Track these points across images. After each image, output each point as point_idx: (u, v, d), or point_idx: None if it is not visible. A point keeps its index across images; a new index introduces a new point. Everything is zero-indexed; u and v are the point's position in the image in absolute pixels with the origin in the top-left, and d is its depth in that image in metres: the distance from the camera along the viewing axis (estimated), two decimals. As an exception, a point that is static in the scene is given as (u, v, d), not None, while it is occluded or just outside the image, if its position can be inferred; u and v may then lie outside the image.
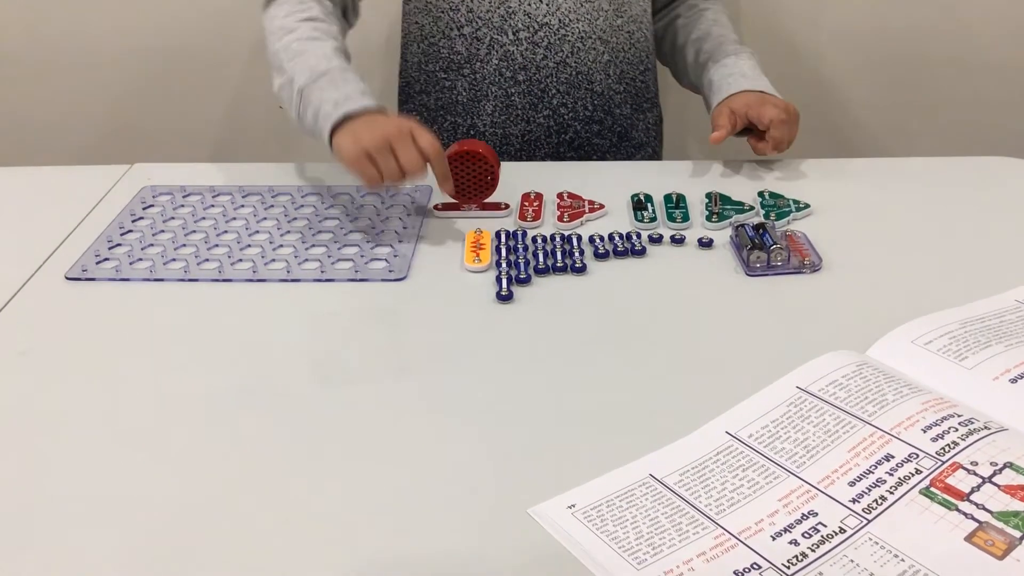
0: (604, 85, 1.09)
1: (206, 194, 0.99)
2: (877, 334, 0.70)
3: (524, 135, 1.09)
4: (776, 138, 0.96)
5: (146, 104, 1.54)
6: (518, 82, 1.06)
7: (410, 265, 0.84)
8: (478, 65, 1.06)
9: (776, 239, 0.83)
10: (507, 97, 1.07)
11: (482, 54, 1.06)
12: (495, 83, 1.07)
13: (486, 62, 1.06)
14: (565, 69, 1.06)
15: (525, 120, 1.08)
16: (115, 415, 0.66)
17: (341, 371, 0.70)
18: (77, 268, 0.85)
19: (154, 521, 0.56)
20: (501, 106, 1.08)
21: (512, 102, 1.07)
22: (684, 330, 0.74)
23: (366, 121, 0.86)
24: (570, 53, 1.06)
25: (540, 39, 1.05)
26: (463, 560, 0.53)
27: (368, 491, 0.58)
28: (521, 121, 1.08)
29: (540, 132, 1.09)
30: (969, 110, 1.51)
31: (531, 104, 1.07)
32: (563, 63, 1.06)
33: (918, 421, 0.59)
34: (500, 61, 1.05)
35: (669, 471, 0.59)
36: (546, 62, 1.05)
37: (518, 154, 1.11)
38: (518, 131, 1.09)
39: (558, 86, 1.07)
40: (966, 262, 0.82)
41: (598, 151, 1.13)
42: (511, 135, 1.10)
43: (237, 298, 0.80)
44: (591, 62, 1.07)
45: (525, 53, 1.05)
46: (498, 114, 1.08)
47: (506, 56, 1.05)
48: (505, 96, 1.07)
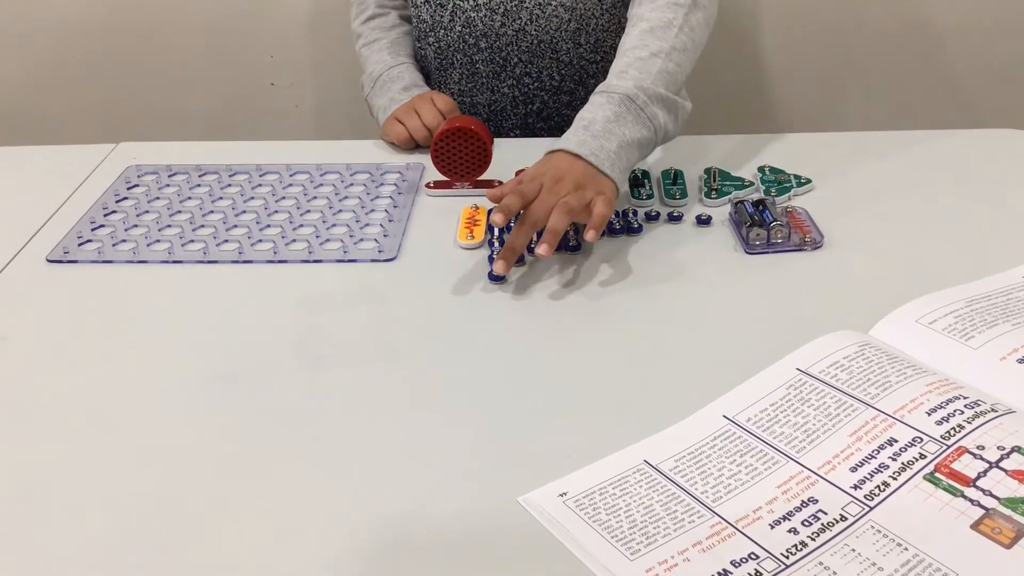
0: (574, 55, 1.06)
1: (192, 173, 0.97)
2: (880, 313, 0.68)
3: (490, 104, 1.09)
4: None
5: (132, 81, 1.51)
6: (480, 49, 1.05)
7: (400, 245, 0.82)
8: (442, 33, 1.06)
9: (776, 215, 0.81)
10: (472, 65, 1.07)
11: (446, 21, 1.05)
12: (460, 50, 1.06)
13: (450, 29, 1.05)
14: (525, 37, 1.04)
15: (490, 89, 1.08)
16: (97, 400, 0.64)
17: (328, 355, 0.68)
18: (59, 250, 0.83)
19: (137, 507, 0.55)
20: (467, 74, 1.08)
21: (477, 70, 1.07)
22: (681, 310, 0.72)
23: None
24: (528, 20, 1.03)
25: (497, 5, 1.03)
26: (452, 550, 0.51)
27: (356, 477, 0.57)
28: (486, 90, 1.08)
29: (506, 102, 1.09)
30: (976, 80, 1.48)
31: (494, 73, 1.07)
32: (522, 31, 1.04)
33: (922, 404, 0.57)
34: (463, 28, 1.05)
35: (664, 457, 0.57)
36: (505, 29, 1.04)
37: (486, 123, 1.09)
38: (484, 100, 1.09)
39: (520, 55, 1.05)
40: (972, 238, 0.80)
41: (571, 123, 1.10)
42: (478, 104, 1.10)
43: (222, 280, 0.79)
44: (554, 30, 1.04)
45: (485, 20, 1.04)
46: (465, 82, 1.09)
47: (468, 23, 1.04)
48: (470, 64, 1.07)
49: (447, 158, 0.89)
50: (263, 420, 0.62)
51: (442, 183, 0.92)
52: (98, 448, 0.60)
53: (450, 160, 0.89)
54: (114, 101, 1.52)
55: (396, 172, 0.96)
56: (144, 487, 0.56)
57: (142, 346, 0.70)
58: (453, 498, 0.55)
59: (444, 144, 0.88)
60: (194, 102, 1.53)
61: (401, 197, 0.91)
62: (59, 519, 0.54)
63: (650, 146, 0.85)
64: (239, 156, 1.00)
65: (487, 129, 0.89)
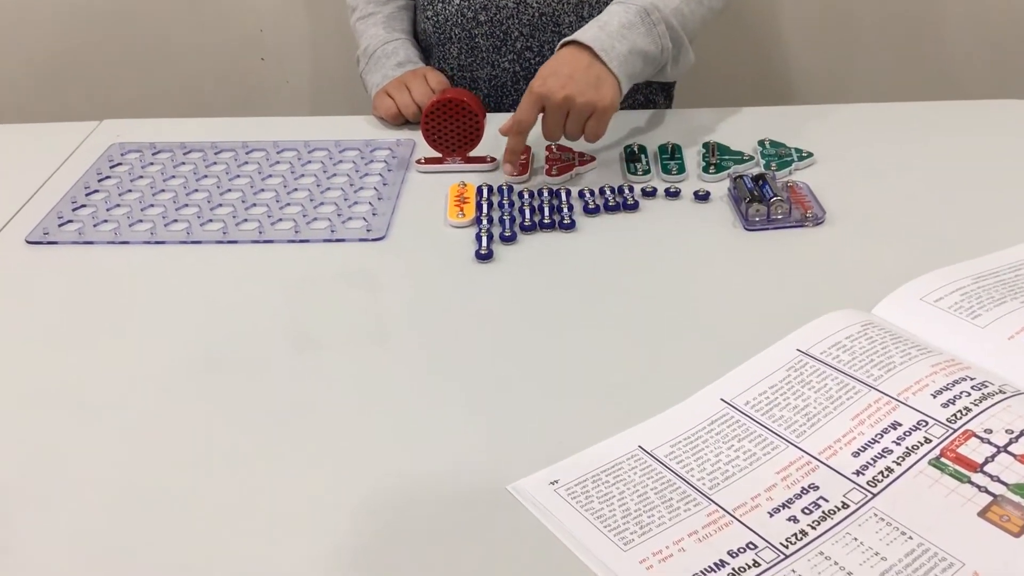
0: (576, 28, 1.03)
1: (177, 151, 0.94)
2: (884, 291, 0.66)
3: (491, 80, 1.06)
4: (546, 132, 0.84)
5: (118, 56, 1.48)
6: (480, 23, 1.02)
7: (390, 223, 0.80)
8: (440, 6, 1.03)
9: (776, 191, 0.78)
10: (471, 39, 1.04)
11: None
12: (458, 24, 1.03)
13: (448, 2, 1.03)
14: (526, 10, 1.01)
15: (491, 64, 1.05)
16: (77, 384, 0.63)
17: (314, 339, 0.66)
18: (39, 231, 0.81)
19: (120, 495, 0.53)
20: (466, 48, 1.05)
21: (477, 44, 1.04)
22: (678, 289, 0.70)
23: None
24: None
25: None
26: (439, 540, 0.49)
27: (342, 464, 0.55)
28: (487, 65, 1.05)
29: (507, 77, 1.06)
30: (983, 50, 1.45)
31: (495, 47, 1.04)
32: (523, 3, 1.01)
33: (928, 385, 0.55)
34: (461, 1, 1.02)
35: (659, 442, 0.55)
36: (505, 2, 1.01)
37: (486, 100, 1.07)
38: (485, 75, 1.06)
39: (520, 28, 1.02)
40: (979, 212, 0.78)
41: None
42: (478, 79, 1.07)
43: (206, 262, 0.76)
44: (556, 2, 1.01)
45: None
46: (464, 57, 1.05)
47: None
48: (469, 38, 1.04)
49: (437, 131, 0.87)
50: (247, 405, 0.60)
51: (433, 159, 0.89)
52: (78, 433, 0.58)
53: (440, 133, 0.87)
54: (99, 77, 1.49)
55: (386, 148, 0.93)
56: (126, 474, 0.55)
57: (123, 330, 0.68)
58: (441, 486, 0.53)
59: (434, 116, 0.86)
60: (182, 78, 1.50)
61: (391, 174, 0.88)
62: (40, 507, 0.53)
63: (654, 65, 0.88)
64: (226, 133, 0.98)
65: (479, 102, 0.87)
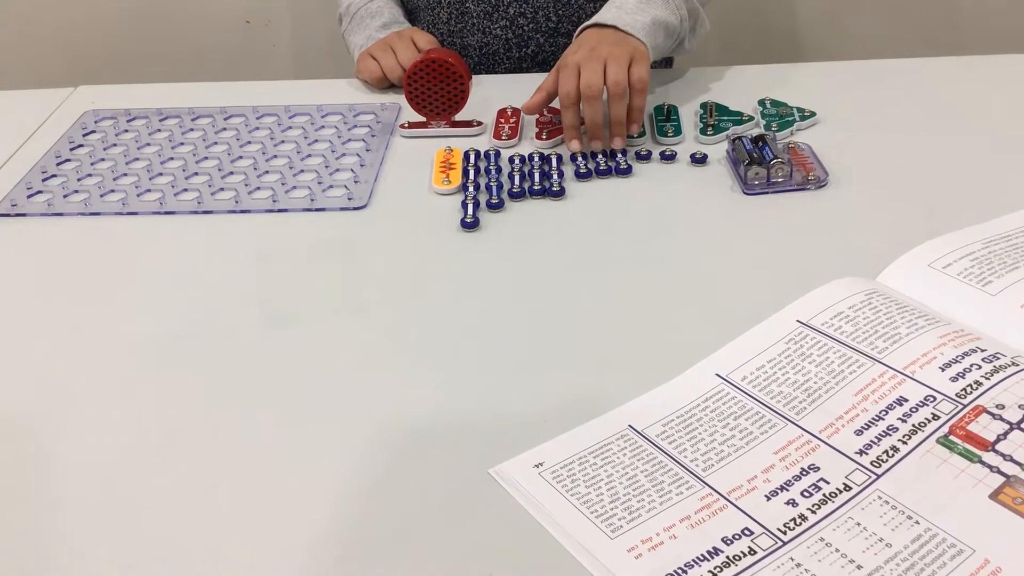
0: None
1: (152, 117, 0.91)
2: (889, 258, 0.63)
3: (482, 47, 1.02)
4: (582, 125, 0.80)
5: (95, 20, 1.44)
6: None
7: (372, 192, 0.77)
8: None
9: (777, 152, 0.75)
10: (461, 3, 0.99)
11: None
12: None
13: None
14: None
15: (481, 30, 1.00)
16: (46, 361, 0.60)
17: (290, 312, 0.63)
18: (6, 203, 0.77)
19: (89, 472, 0.51)
20: (456, 13, 1.00)
21: (467, 9, 0.99)
22: (672, 258, 0.67)
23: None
24: None
25: None
26: (417, 525, 0.46)
27: (321, 441, 0.52)
28: (477, 31, 1.00)
29: (498, 44, 1.01)
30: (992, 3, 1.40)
31: (486, 12, 0.99)
32: None
33: (936, 358, 0.52)
34: None
35: (651, 421, 0.52)
36: None
37: (476, 68, 1.03)
38: (475, 42, 1.01)
39: None
40: (990, 173, 0.74)
41: None
42: (469, 46, 1.02)
43: (180, 233, 0.73)
44: None
45: None
46: (454, 22, 1.01)
47: None
48: (459, 3, 0.99)
49: (421, 93, 0.83)
50: (224, 380, 0.57)
51: (417, 123, 0.86)
52: (47, 411, 0.55)
53: (424, 96, 0.83)
54: (75, 41, 1.45)
55: (370, 113, 0.90)
56: (98, 453, 0.52)
57: (95, 305, 0.65)
58: (420, 468, 0.50)
59: (417, 78, 0.82)
60: (163, 43, 1.46)
61: (375, 140, 0.85)
62: (10, 488, 0.50)
63: (674, 36, 0.88)
64: (206, 98, 0.94)
65: (464, 63, 0.83)
